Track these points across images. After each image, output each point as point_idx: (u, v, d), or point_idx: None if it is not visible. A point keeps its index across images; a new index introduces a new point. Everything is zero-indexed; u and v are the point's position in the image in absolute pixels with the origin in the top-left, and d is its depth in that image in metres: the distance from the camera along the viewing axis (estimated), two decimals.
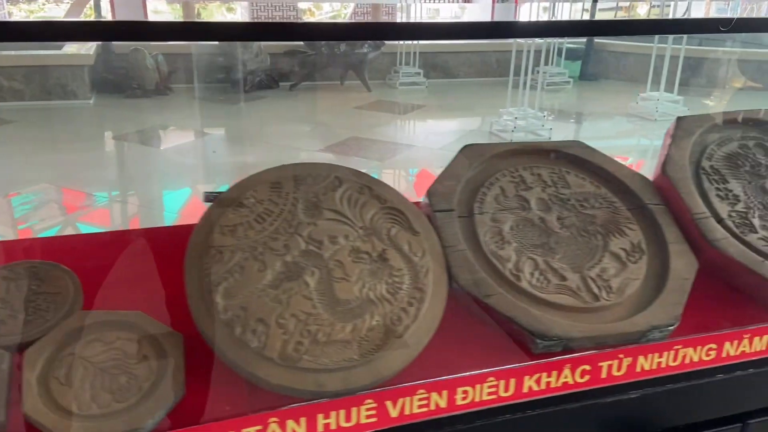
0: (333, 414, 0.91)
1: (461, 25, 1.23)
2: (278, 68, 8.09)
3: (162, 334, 0.93)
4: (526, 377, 1.02)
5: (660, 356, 1.10)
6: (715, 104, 7.79)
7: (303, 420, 0.90)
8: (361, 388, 0.92)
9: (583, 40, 8.92)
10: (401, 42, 8.37)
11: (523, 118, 6.09)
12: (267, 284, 0.97)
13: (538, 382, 1.03)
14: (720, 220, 1.24)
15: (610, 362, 1.07)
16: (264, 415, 0.87)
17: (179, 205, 4.32)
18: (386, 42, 8.04)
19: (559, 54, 8.54)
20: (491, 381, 0.99)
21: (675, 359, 1.11)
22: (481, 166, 1.26)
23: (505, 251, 1.13)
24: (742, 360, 1.15)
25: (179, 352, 0.91)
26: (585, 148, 1.34)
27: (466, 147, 1.28)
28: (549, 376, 1.03)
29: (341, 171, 1.14)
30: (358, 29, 1.38)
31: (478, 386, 0.99)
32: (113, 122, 6.95)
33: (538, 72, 8.27)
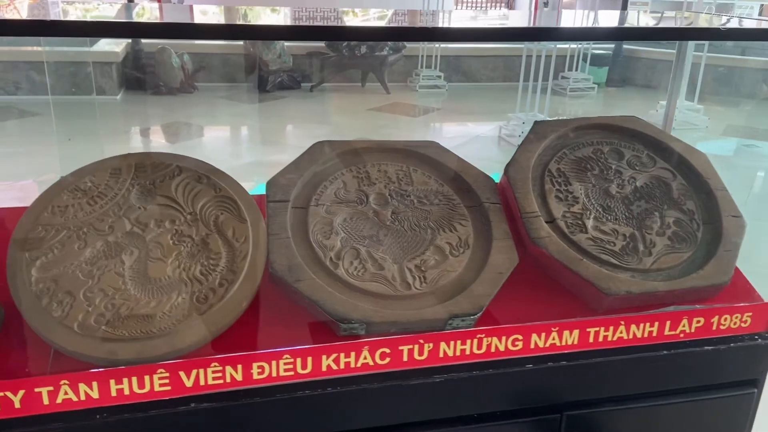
0: (125, 380, 1.02)
1: (477, 30, 1.29)
2: (300, 69, 8.27)
3: None
4: (324, 356, 1.11)
5: (463, 344, 1.17)
6: (737, 113, 7.61)
7: (95, 384, 1.01)
8: (154, 358, 1.03)
9: (611, 45, 8.82)
10: (423, 45, 8.44)
11: (531, 123, 6.09)
12: (84, 260, 1.08)
13: (336, 361, 1.12)
14: (552, 220, 1.30)
15: (410, 346, 1.14)
16: (56, 377, 0.99)
17: None
18: (408, 45, 8.14)
19: (585, 59, 8.47)
20: (287, 358, 1.09)
21: (479, 347, 1.18)
22: (330, 161, 1.35)
23: (331, 241, 1.23)
24: (553, 352, 1.22)
25: None
26: (439, 149, 1.42)
27: (317, 143, 1.37)
28: (347, 356, 1.12)
29: (186, 161, 1.25)
30: (380, 32, 1.38)
31: (274, 362, 1.08)
32: (135, 118, 7.23)
33: (563, 77, 8.25)
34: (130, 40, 7.52)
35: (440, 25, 1.60)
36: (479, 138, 6.84)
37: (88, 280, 1.06)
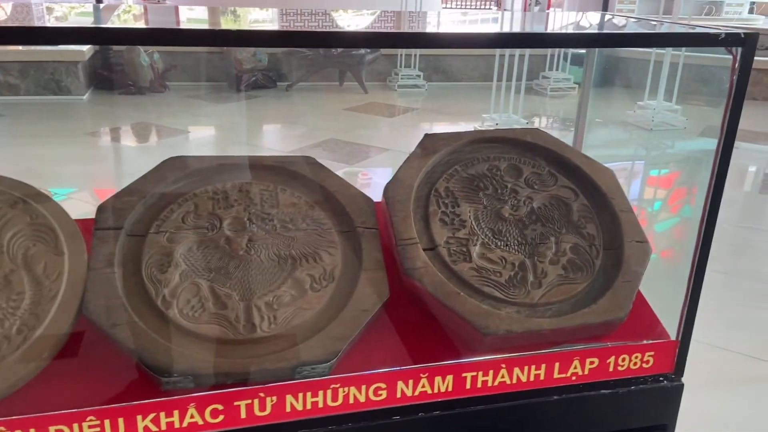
0: None
1: (454, 35, 1.15)
2: (276, 68, 8.10)
3: None
4: (139, 416, 0.94)
5: (314, 395, 1.01)
6: (717, 115, 7.48)
7: None
8: None
9: None
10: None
11: (506, 124, 5.96)
12: None
13: (156, 422, 0.95)
14: (433, 247, 1.14)
15: (248, 401, 0.98)
16: None
17: None
18: None
19: (566, 59, 8.34)
20: (91, 420, 0.92)
21: (335, 399, 1.02)
22: (182, 180, 1.19)
23: (168, 275, 1.06)
24: (423, 401, 1.06)
25: None
26: (314, 166, 1.25)
27: (171, 158, 1.21)
28: (169, 415, 0.96)
29: (1, 183, 1.09)
30: (358, 37, 1.26)
31: (75, 425, 0.92)
32: (102, 118, 7.04)
33: (543, 77, 8.12)
34: None
35: (428, 30, 1.44)
36: None
37: None
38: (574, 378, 1.10)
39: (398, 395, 1.04)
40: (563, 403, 1.10)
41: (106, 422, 0.93)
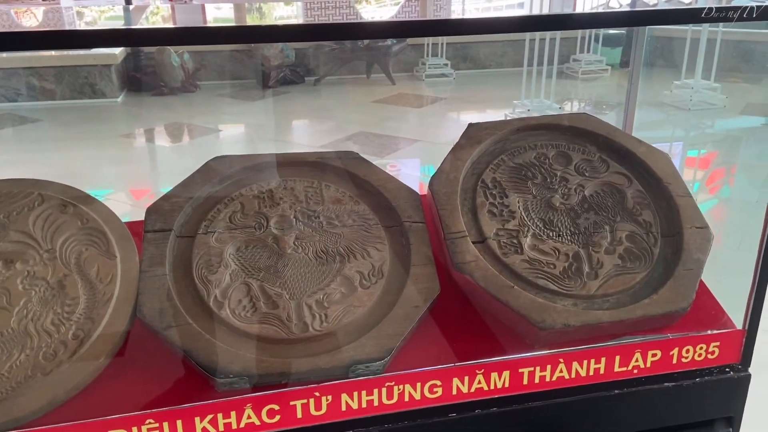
0: None
1: (483, 20, 1.13)
2: (303, 63, 8.11)
3: None
4: (197, 418, 0.94)
5: (369, 394, 0.99)
6: (758, 92, 7.25)
7: None
8: None
9: None
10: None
11: (538, 110, 5.87)
12: None
13: (214, 423, 0.95)
14: (482, 240, 1.11)
15: (303, 401, 0.97)
16: None
17: None
18: None
19: (597, 40, 8.16)
20: (150, 423, 0.92)
21: (390, 397, 1.00)
22: (228, 180, 1.18)
23: (218, 275, 1.05)
24: (480, 398, 1.03)
25: None
26: (356, 159, 1.23)
27: (216, 158, 1.20)
28: (227, 417, 0.95)
29: (50, 188, 1.09)
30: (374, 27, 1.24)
31: (135, 429, 0.92)
32: (136, 120, 7.14)
33: (574, 60, 7.97)
34: None
35: (454, 16, 1.41)
36: None
37: None
38: (635, 371, 1.06)
39: (454, 392, 1.02)
40: (625, 398, 1.06)
41: (165, 424, 0.93)
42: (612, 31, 8.28)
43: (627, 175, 1.20)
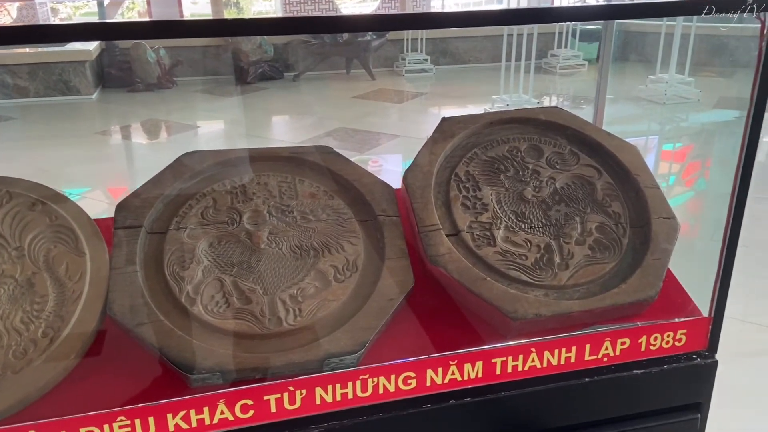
0: None
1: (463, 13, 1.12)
2: (282, 58, 8.06)
3: None
4: (169, 414, 0.94)
5: (344, 387, 1.00)
6: (732, 86, 7.36)
7: None
8: None
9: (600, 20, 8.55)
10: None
11: (517, 104, 5.91)
12: None
13: (186, 419, 0.95)
14: (456, 233, 1.12)
15: (277, 395, 0.97)
16: None
17: None
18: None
19: (574, 36, 8.23)
20: (122, 420, 0.92)
21: (364, 389, 1.01)
22: (200, 175, 1.17)
23: (190, 272, 1.05)
24: (453, 388, 1.04)
25: None
26: (330, 154, 1.23)
27: (187, 154, 1.20)
28: (199, 413, 0.95)
29: (18, 185, 1.08)
30: (367, 21, 1.22)
31: (106, 426, 0.91)
32: (111, 117, 7.05)
33: (552, 55, 8.02)
34: None
35: (431, 9, 1.41)
36: None
37: None
38: (605, 359, 1.08)
39: (428, 383, 1.03)
40: (596, 385, 1.08)
41: (137, 422, 0.92)
42: (589, 27, 8.35)
43: (597, 168, 1.21)
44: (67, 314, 0.96)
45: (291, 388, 0.98)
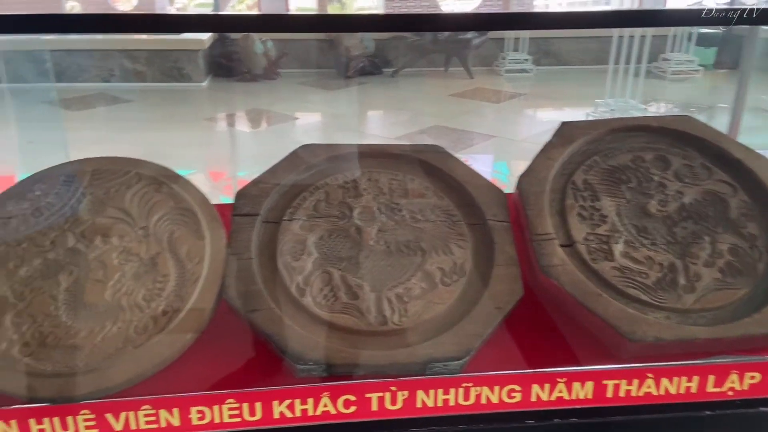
0: (46, 421, 0.91)
1: (573, 14, 1.11)
2: (382, 54, 8.13)
3: None
4: (275, 402, 0.95)
5: (446, 393, 0.98)
6: None
7: (14, 423, 0.91)
8: (77, 397, 0.91)
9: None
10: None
11: (622, 110, 5.65)
12: (17, 281, 0.99)
13: (291, 408, 0.96)
14: (570, 244, 1.07)
15: (380, 394, 0.97)
16: None
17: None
18: None
19: (690, 39, 7.77)
20: (231, 403, 0.94)
21: (466, 398, 0.98)
22: (314, 168, 1.19)
23: (301, 263, 1.06)
24: (560, 407, 1.00)
25: None
26: (441, 154, 1.21)
27: (303, 147, 1.21)
28: (304, 403, 0.96)
29: (147, 168, 1.13)
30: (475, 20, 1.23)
31: (216, 407, 0.94)
32: (218, 105, 7.36)
33: (663, 59, 7.62)
34: None
35: (538, 9, 1.39)
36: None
37: (17, 303, 0.96)
38: (730, 393, 1.00)
39: (533, 399, 0.99)
40: (716, 420, 1.00)
41: (245, 405, 0.95)
42: (707, 30, 7.85)
43: (732, 184, 1.12)
44: (186, 295, 1.00)
45: (393, 389, 0.97)
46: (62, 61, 7.06)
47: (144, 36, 7.31)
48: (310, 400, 0.96)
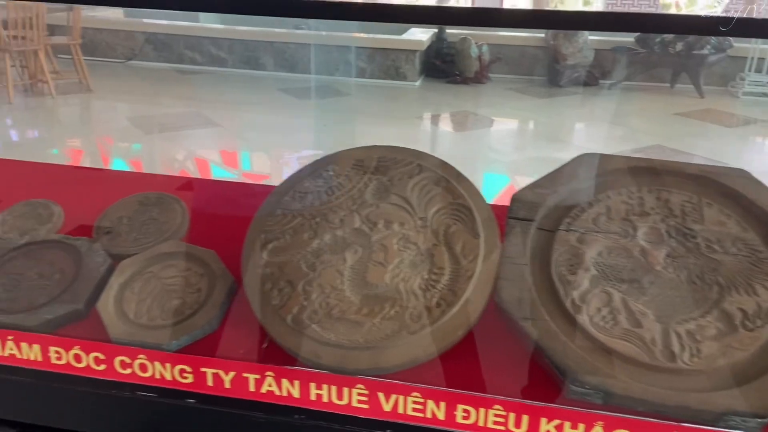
0: (325, 387, 0.96)
1: None
2: (601, 65, 7.76)
3: (220, 275, 1.09)
4: (544, 419, 0.91)
5: None
6: None
7: (297, 383, 0.96)
8: (354, 371, 0.94)
9: None
10: (754, 44, 7.24)
11: None
12: (310, 251, 1.05)
13: (559, 429, 0.91)
14: None
15: None
16: (263, 366, 0.97)
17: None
18: (735, 44, 7.07)
19: None
20: (498, 409, 0.91)
21: None
22: (596, 179, 1.12)
23: (577, 277, 1.00)
24: None
25: (224, 293, 1.06)
26: (749, 180, 1.07)
27: (584, 155, 1.14)
28: (574, 427, 0.90)
29: (428, 160, 1.15)
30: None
31: (482, 410, 0.92)
32: (427, 104, 7.56)
33: None
34: (436, 30, 7.87)
35: None
36: None
37: (309, 273, 1.02)
38: None
39: None
40: None
41: (511, 415, 0.91)
42: None
43: None
44: (460, 290, 0.99)
45: None
46: (296, 53, 7.71)
47: (369, 34, 7.72)
48: (582, 426, 0.90)
